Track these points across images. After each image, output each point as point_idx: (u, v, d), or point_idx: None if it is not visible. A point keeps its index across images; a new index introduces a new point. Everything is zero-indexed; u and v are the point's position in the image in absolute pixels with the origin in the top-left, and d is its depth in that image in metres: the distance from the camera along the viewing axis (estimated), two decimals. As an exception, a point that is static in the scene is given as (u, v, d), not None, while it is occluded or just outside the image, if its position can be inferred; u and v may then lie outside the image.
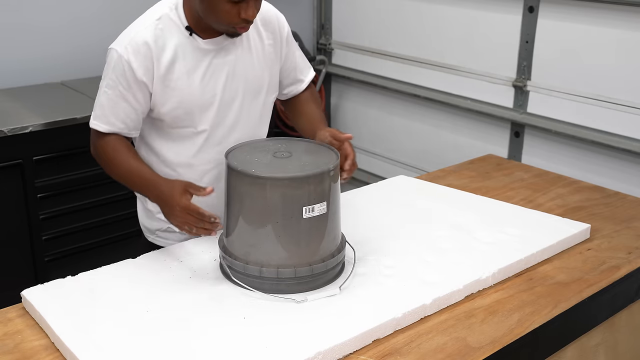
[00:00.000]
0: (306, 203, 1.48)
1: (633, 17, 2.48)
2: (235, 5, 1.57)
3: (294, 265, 1.51)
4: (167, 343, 1.35)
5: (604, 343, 1.78)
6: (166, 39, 1.66)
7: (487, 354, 1.39)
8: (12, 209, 2.67)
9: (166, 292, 1.53)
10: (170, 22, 1.67)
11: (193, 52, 1.68)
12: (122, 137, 1.71)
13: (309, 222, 1.50)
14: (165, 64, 1.65)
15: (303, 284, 1.53)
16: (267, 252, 1.51)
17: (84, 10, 3.26)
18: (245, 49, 1.74)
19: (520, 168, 2.45)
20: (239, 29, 1.63)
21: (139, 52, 1.63)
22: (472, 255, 1.71)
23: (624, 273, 1.73)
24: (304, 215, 1.49)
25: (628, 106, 2.55)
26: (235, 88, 1.73)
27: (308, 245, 1.52)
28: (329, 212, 1.53)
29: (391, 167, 3.53)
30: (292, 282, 1.52)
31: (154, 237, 1.88)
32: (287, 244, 1.51)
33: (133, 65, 1.63)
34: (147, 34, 1.65)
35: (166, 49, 1.65)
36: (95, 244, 2.91)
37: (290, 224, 1.49)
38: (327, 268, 1.56)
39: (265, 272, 1.52)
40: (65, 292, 1.53)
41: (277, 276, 1.51)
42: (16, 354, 1.36)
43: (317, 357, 1.31)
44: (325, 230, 1.54)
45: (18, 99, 2.93)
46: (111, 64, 1.66)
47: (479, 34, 3.01)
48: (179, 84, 1.67)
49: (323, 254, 1.54)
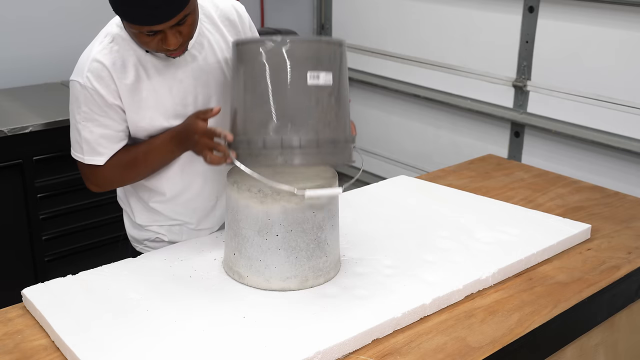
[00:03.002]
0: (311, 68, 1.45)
1: (633, 17, 2.48)
2: (154, 37, 1.48)
3: (298, 135, 1.44)
4: (166, 342, 1.35)
5: (603, 343, 1.78)
6: (124, 59, 1.58)
7: (487, 354, 1.39)
8: (12, 209, 2.68)
9: (166, 291, 1.53)
10: (123, 41, 1.59)
11: (155, 67, 1.60)
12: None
13: (316, 90, 1.45)
14: (130, 85, 1.59)
15: (308, 154, 1.44)
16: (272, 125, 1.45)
17: (84, 10, 3.27)
18: (208, 52, 1.66)
19: (520, 168, 2.45)
20: (169, 54, 1.55)
21: (101, 77, 1.57)
22: (472, 255, 1.71)
23: (624, 273, 1.73)
24: (308, 81, 1.44)
25: (628, 106, 2.55)
26: (207, 93, 1.67)
27: (315, 114, 1.46)
28: (334, 87, 1.48)
29: (391, 167, 3.53)
30: (296, 150, 1.44)
31: (142, 246, 1.86)
32: (294, 113, 1.45)
33: (101, 92, 1.57)
34: (103, 58, 1.57)
35: (127, 70, 1.58)
36: (95, 244, 2.91)
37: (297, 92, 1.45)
38: (334, 140, 1.48)
39: (268, 142, 1.44)
40: (65, 291, 1.53)
41: (281, 144, 1.43)
42: (16, 354, 1.36)
43: (316, 357, 1.31)
44: (332, 105, 1.48)
45: (18, 99, 2.93)
46: (78, 96, 1.59)
47: (479, 34, 3.01)
48: (148, 103, 1.61)
49: (332, 130, 1.48)
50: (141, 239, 1.85)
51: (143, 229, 1.82)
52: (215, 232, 1.82)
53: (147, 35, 1.48)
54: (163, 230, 1.81)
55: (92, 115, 1.59)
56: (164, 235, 1.81)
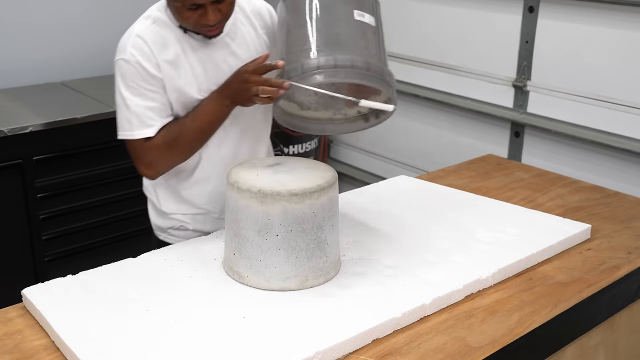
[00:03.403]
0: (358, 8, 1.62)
1: (633, 17, 2.48)
2: (195, 11, 1.58)
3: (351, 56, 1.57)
4: (166, 342, 1.35)
5: (603, 343, 1.78)
6: (164, 38, 1.68)
7: (487, 354, 1.39)
8: (12, 209, 2.68)
9: (166, 291, 1.53)
10: (164, 23, 1.69)
11: (192, 49, 1.70)
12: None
13: (362, 25, 1.62)
14: (169, 61, 1.67)
15: (360, 75, 1.56)
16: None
17: (84, 11, 3.27)
18: (240, 42, 1.76)
19: (520, 168, 2.45)
20: (206, 31, 1.64)
21: (143, 51, 1.65)
22: (472, 255, 1.71)
23: (624, 273, 1.73)
24: (355, 17, 1.61)
25: (628, 106, 2.55)
26: None
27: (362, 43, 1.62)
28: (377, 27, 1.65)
29: (391, 167, 3.52)
30: (349, 69, 1.55)
31: (165, 235, 1.90)
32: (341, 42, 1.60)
33: (144, 65, 1.65)
34: (145, 35, 1.67)
35: (166, 48, 1.67)
36: (95, 244, 2.91)
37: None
38: (382, 70, 1.61)
39: (322, 62, 1.55)
40: (65, 291, 1.53)
41: (335, 64, 1.55)
42: (16, 354, 1.36)
43: (316, 357, 1.31)
44: (376, 42, 1.64)
45: (18, 99, 2.93)
46: (124, 73, 1.67)
47: (479, 34, 3.00)
48: (187, 79, 1.69)
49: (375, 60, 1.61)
50: (165, 227, 1.89)
51: (167, 217, 1.87)
52: (216, 232, 1.83)
53: (188, 10, 1.58)
54: (187, 219, 1.86)
55: (138, 89, 1.66)
56: (188, 223, 1.86)
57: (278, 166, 1.62)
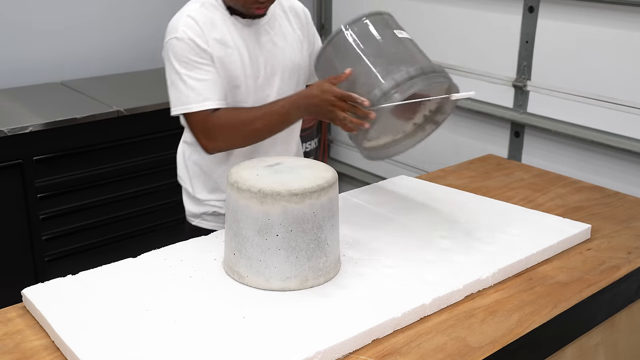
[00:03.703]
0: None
1: (633, 17, 2.48)
2: None
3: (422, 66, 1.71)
4: (166, 342, 1.35)
5: (603, 343, 1.78)
6: (212, 20, 1.78)
7: (487, 354, 1.39)
8: (12, 209, 2.67)
9: (166, 291, 1.53)
10: (211, 5, 1.81)
11: (238, 31, 1.81)
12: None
13: (405, 40, 1.79)
14: (217, 41, 1.78)
15: (434, 80, 1.71)
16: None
17: (84, 11, 3.27)
18: (278, 32, 1.88)
19: (520, 168, 2.45)
20: (255, 9, 1.76)
21: (194, 29, 1.75)
22: (472, 255, 1.71)
23: (624, 273, 1.73)
24: (398, 36, 1.78)
25: (628, 106, 2.55)
26: (273, 67, 1.87)
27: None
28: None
29: (391, 167, 3.52)
30: (424, 76, 1.70)
31: (199, 220, 2.00)
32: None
33: (196, 40, 1.75)
34: (195, 15, 1.77)
35: (215, 28, 1.78)
36: (95, 244, 2.91)
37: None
38: (443, 70, 1.76)
39: (398, 78, 1.67)
40: (65, 291, 1.53)
41: (409, 76, 1.67)
42: (16, 354, 1.36)
43: (316, 357, 1.31)
44: (420, 49, 1.80)
45: (18, 99, 2.93)
46: (177, 50, 1.75)
47: (479, 34, 3.01)
48: (232, 58, 1.79)
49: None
50: (199, 213, 1.99)
51: (202, 203, 1.97)
52: (216, 232, 1.83)
53: None
54: (221, 204, 1.95)
55: (192, 64, 1.75)
56: (221, 208, 1.95)
57: (278, 166, 1.62)
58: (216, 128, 1.76)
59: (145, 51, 3.42)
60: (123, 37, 3.38)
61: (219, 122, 1.75)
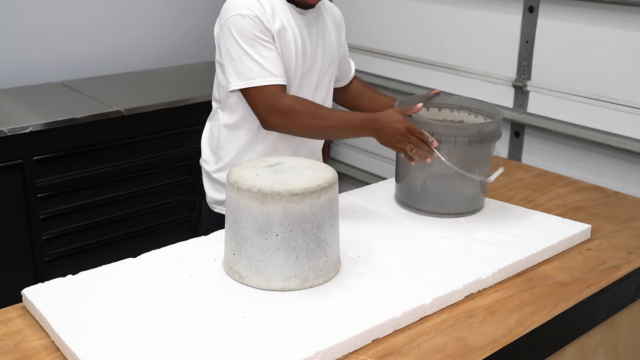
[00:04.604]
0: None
1: (633, 17, 2.48)
2: None
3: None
4: (166, 342, 1.35)
5: (603, 343, 1.78)
6: (272, 5, 1.84)
7: (487, 354, 1.39)
8: (12, 209, 2.68)
9: (166, 291, 1.53)
10: None
11: (294, 18, 1.88)
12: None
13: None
14: (277, 27, 1.83)
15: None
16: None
17: (84, 11, 3.27)
18: (322, 26, 1.98)
19: (520, 168, 2.45)
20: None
21: (259, 9, 1.80)
22: (472, 255, 1.71)
23: (624, 273, 1.73)
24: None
25: (628, 106, 2.55)
26: (314, 57, 1.94)
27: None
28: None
29: (391, 167, 3.51)
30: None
31: (220, 207, 2.01)
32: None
33: (261, 18, 1.80)
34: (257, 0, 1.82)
35: (275, 15, 1.84)
36: (95, 244, 2.91)
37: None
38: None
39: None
40: (65, 291, 1.53)
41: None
42: (16, 354, 1.36)
43: (316, 357, 1.31)
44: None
45: (18, 99, 2.93)
46: (241, 26, 1.79)
47: (479, 34, 3.00)
48: (287, 45, 1.86)
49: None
50: (222, 200, 2.00)
51: (224, 190, 1.96)
52: (216, 232, 1.83)
53: None
54: None
55: (257, 40, 1.80)
56: None
57: (278, 166, 1.62)
58: (287, 107, 1.80)
59: (146, 51, 3.42)
60: (123, 38, 3.38)
61: (292, 103, 1.80)
